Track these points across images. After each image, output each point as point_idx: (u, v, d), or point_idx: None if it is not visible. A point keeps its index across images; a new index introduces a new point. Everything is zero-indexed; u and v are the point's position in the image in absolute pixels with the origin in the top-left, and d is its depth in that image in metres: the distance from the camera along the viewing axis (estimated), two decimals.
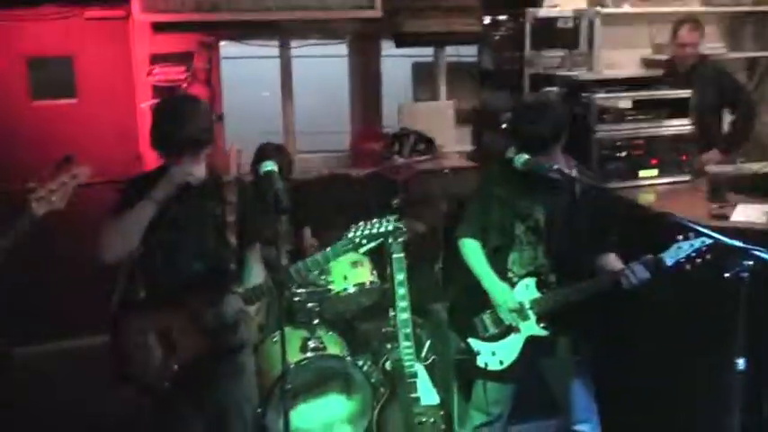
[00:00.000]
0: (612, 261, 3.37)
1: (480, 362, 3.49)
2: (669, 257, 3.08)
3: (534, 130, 3.27)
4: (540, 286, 3.40)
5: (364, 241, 3.27)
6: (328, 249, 3.33)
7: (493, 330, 3.47)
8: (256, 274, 3.26)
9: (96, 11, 5.24)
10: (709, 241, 2.98)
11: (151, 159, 5.36)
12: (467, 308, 3.54)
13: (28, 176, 2.85)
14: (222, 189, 3.17)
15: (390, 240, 3.69)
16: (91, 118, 5.36)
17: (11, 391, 4.68)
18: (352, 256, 4.15)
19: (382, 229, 3.30)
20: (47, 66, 5.32)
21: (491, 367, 3.48)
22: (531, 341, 3.42)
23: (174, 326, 3.09)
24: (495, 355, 3.47)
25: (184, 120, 2.97)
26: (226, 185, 3.18)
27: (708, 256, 3.02)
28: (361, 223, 3.33)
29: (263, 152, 4.27)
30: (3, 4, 5.05)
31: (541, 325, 3.40)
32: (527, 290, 3.41)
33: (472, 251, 3.53)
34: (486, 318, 3.48)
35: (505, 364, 3.46)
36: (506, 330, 3.45)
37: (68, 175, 2.78)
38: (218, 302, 3.15)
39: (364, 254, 4.18)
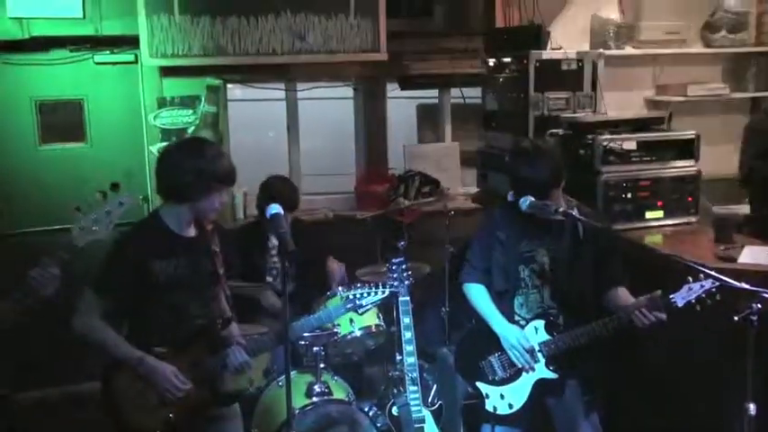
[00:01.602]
0: (623, 296, 3.34)
1: (489, 405, 3.47)
2: (680, 298, 3.06)
3: (534, 174, 3.27)
4: (548, 329, 3.38)
5: (362, 303, 3.51)
6: (326, 310, 3.43)
7: (502, 374, 3.45)
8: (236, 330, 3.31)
9: (106, 56, 5.32)
10: (719, 283, 2.97)
11: (159, 201, 5.43)
12: (474, 351, 3.53)
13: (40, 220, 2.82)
14: (210, 241, 3.20)
15: (396, 284, 3.71)
16: (100, 161, 5.41)
17: None
18: None
19: (379, 296, 3.58)
20: (57, 110, 5.39)
21: (500, 411, 3.45)
22: (540, 384, 3.40)
23: None
24: (504, 398, 3.44)
25: (218, 158, 3.02)
26: (212, 236, 3.21)
27: (718, 298, 3.00)
28: (359, 287, 3.42)
29: (269, 187, 4.29)
30: (14, 48, 5.13)
31: (551, 367, 3.37)
32: (536, 333, 3.40)
33: (478, 295, 3.52)
34: (495, 361, 3.46)
35: (515, 408, 3.43)
36: (515, 373, 3.42)
37: (114, 204, 2.65)
38: (217, 352, 3.15)
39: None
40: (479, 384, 3.49)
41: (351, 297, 3.61)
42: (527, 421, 3.49)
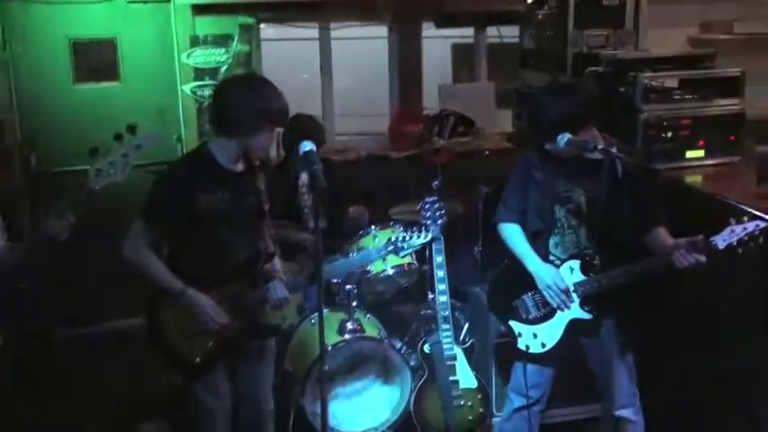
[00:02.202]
0: (663, 236, 3.25)
1: (521, 344, 3.45)
2: (721, 240, 2.98)
3: (567, 109, 3.18)
4: (584, 269, 3.34)
5: (404, 247, 3.47)
6: (365, 252, 3.52)
7: (535, 313, 3.42)
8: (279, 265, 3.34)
9: None
10: (763, 225, 2.89)
11: (191, 141, 5.44)
12: (508, 290, 3.50)
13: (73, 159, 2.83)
14: (258, 177, 3.23)
15: (429, 222, 3.68)
16: (133, 100, 5.42)
17: (53, 372, 4.80)
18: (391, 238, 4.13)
19: (421, 240, 3.52)
20: (90, 49, 5.38)
21: (532, 350, 3.43)
22: (574, 324, 3.37)
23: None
24: (537, 337, 3.42)
25: (275, 97, 3.03)
26: (258, 172, 3.23)
27: (761, 241, 2.92)
28: (400, 230, 3.38)
29: (296, 125, 4.27)
30: None
31: (586, 308, 3.34)
32: (571, 273, 3.35)
33: (513, 235, 3.47)
34: (528, 300, 3.43)
35: (547, 347, 3.41)
36: (549, 313, 3.40)
37: (130, 147, 2.63)
38: (259, 285, 3.19)
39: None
40: (512, 323, 3.47)
41: (393, 240, 3.58)
42: (560, 360, 3.48)
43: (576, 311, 3.34)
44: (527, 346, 3.44)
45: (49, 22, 5.24)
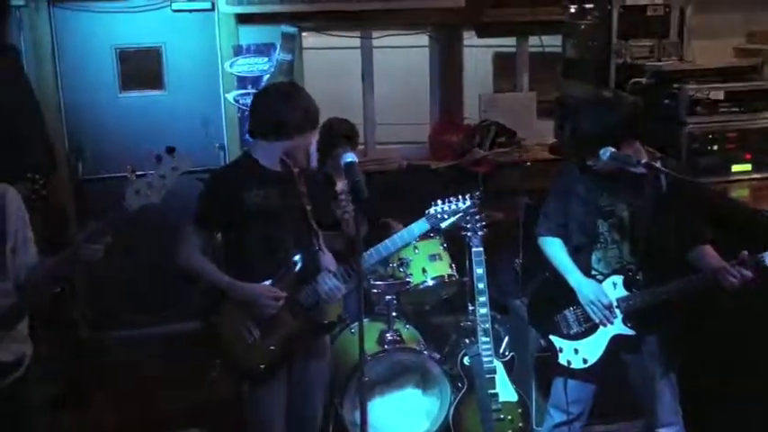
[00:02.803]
0: (710, 255, 3.20)
1: (563, 359, 3.42)
2: None
3: (611, 122, 3.15)
4: (627, 284, 3.30)
5: (445, 216, 3.38)
6: (408, 229, 3.42)
7: (577, 328, 3.39)
8: (329, 261, 3.35)
9: (183, 3, 5.36)
10: None
11: (234, 149, 5.50)
12: (549, 304, 3.47)
13: (118, 166, 2.87)
14: (297, 180, 3.28)
15: (470, 233, 3.67)
16: (177, 108, 5.51)
17: (96, 375, 4.88)
18: (431, 249, 4.13)
19: (460, 205, 3.44)
20: (136, 57, 5.48)
21: (574, 365, 3.39)
22: (616, 340, 3.33)
23: None
24: (579, 353, 3.38)
25: (311, 101, 3.19)
26: (299, 177, 3.29)
27: None
28: (438, 201, 3.39)
29: (331, 129, 4.29)
30: None
31: (628, 324, 3.30)
32: (614, 288, 3.32)
33: (555, 249, 3.44)
34: (570, 315, 3.40)
35: (589, 363, 3.37)
36: (591, 328, 3.36)
37: (168, 169, 2.61)
38: (308, 282, 3.23)
39: (443, 247, 4.18)
40: (553, 338, 3.44)
41: (432, 212, 3.46)
42: (601, 377, 3.43)
43: (618, 327, 3.30)
44: (568, 362, 3.41)
45: (96, 31, 5.35)
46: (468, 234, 3.72)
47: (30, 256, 2.70)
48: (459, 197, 3.50)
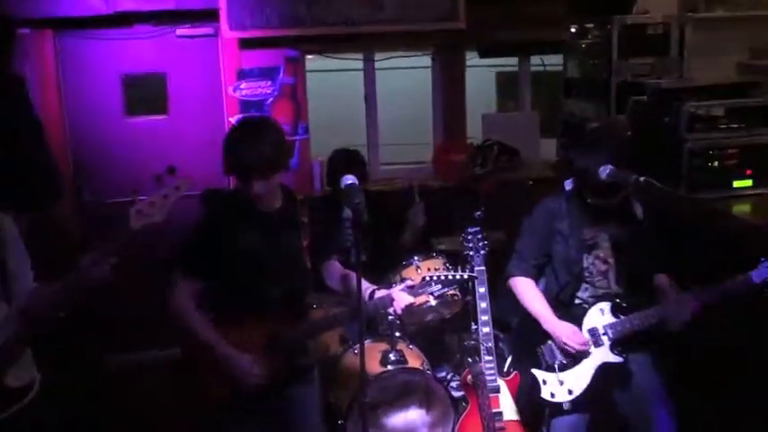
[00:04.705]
0: (663, 283, 3.29)
1: (545, 393, 3.37)
2: (756, 276, 2.95)
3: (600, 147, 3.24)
4: (614, 311, 3.30)
5: (438, 287, 3.28)
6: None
7: (561, 359, 3.37)
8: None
9: (187, 29, 5.43)
10: None
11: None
12: (530, 336, 3.44)
13: (122, 191, 2.87)
14: (297, 212, 3.19)
15: (472, 253, 3.67)
16: (182, 133, 5.55)
17: (99, 396, 4.87)
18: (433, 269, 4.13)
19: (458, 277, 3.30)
20: (140, 83, 5.54)
21: (558, 398, 3.35)
22: (603, 368, 3.30)
23: (249, 346, 3.09)
24: (564, 384, 3.35)
25: (248, 145, 2.94)
26: (300, 207, 3.22)
27: None
28: (439, 273, 3.29)
29: (338, 161, 4.30)
30: (98, 24, 5.28)
31: (615, 351, 3.28)
32: (602, 315, 3.31)
33: (527, 291, 3.44)
34: (554, 345, 3.38)
35: (575, 394, 3.33)
36: (576, 358, 3.33)
37: (170, 188, 2.64)
38: (294, 324, 3.18)
39: (446, 266, 4.17)
40: (535, 371, 3.39)
41: (428, 279, 3.34)
42: (589, 408, 3.37)
43: (605, 355, 3.29)
44: (552, 394, 3.37)
45: (101, 59, 5.42)
46: (471, 253, 3.73)
47: (29, 281, 2.72)
48: (458, 268, 3.35)
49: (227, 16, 5.29)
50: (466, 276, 3.28)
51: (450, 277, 3.26)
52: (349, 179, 2.95)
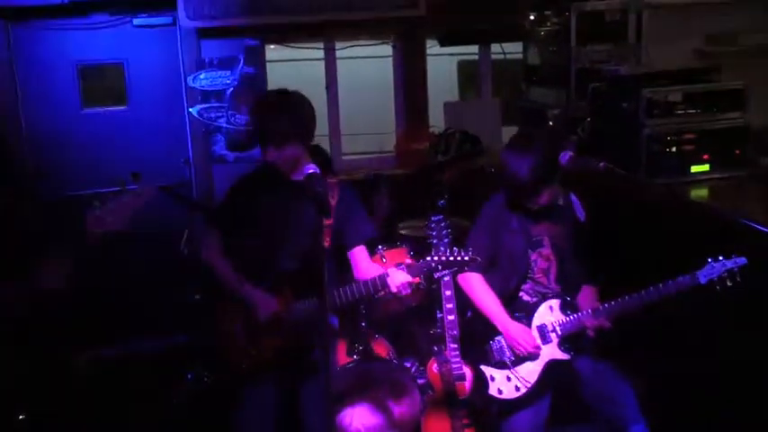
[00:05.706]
0: (586, 293, 3.39)
1: (493, 389, 3.40)
2: (703, 276, 3.01)
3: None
4: (563, 308, 3.34)
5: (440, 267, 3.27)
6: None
7: (510, 355, 3.39)
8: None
9: (145, 18, 5.33)
10: (742, 262, 2.95)
11: (199, 164, 5.47)
12: (480, 332, 3.47)
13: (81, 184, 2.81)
14: (317, 189, 3.17)
15: (436, 241, 3.67)
16: (141, 123, 5.47)
17: (79, 394, 4.80)
18: (398, 258, 4.13)
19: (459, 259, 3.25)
20: (97, 73, 5.44)
21: (506, 395, 3.38)
22: (551, 365, 3.34)
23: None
24: (511, 380, 3.39)
25: (266, 115, 3.26)
26: (325, 187, 3.16)
27: (738, 279, 2.97)
28: (441, 252, 3.29)
29: None
30: (53, 14, 5.17)
31: (563, 347, 3.33)
32: (551, 312, 3.35)
33: (476, 286, 3.46)
34: (503, 342, 3.40)
35: (522, 391, 3.37)
36: (525, 355, 3.37)
37: (131, 195, 2.62)
38: (304, 299, 3.27)
39: (410, 255, 4.18)
40: (483, 367, 3.43)
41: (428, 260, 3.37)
42: (537, 404, 3.40)
43: (553, 352, 3.33)
44: (499, 391, 3.39)
45: (57, 48, 5.30)
46: (434, 241, 3.72)
47: None
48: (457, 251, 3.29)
49: (185, 5, 5.22)
50: (467, 259, 3.25)
51: (451, 259, 3.26)
52: (310, 168, 2.94)
